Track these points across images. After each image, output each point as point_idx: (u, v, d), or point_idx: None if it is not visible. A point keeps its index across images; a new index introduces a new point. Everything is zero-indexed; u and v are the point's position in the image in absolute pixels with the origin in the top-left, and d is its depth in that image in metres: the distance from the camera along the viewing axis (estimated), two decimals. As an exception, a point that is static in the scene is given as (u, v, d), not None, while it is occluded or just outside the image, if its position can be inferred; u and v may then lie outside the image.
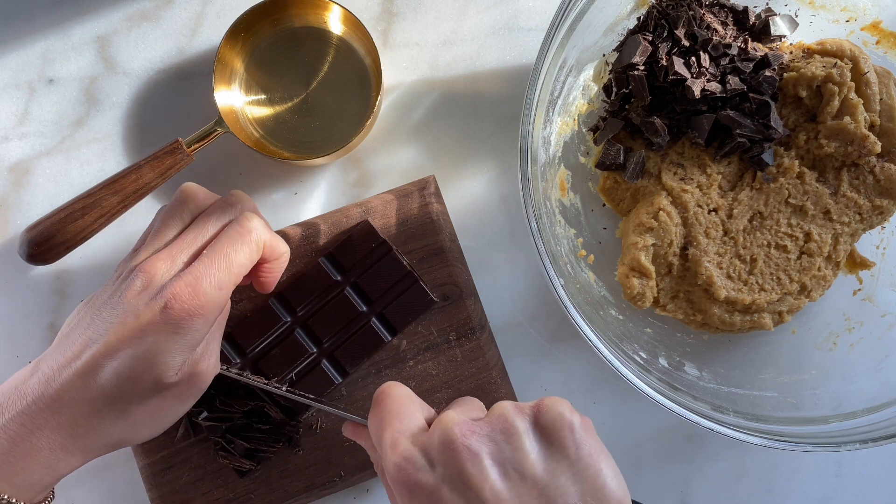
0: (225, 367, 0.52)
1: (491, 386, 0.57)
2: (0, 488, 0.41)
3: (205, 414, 0.53)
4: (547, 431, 0.39)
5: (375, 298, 0.56)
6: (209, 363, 0.47)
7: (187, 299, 0.43)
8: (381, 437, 0.41)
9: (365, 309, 0.56)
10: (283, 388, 0.53)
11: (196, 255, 0.45)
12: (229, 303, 0.48)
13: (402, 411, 0.42)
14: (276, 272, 0.51)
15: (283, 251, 0.50)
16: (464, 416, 0.40)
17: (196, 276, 0.43)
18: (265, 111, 0.59)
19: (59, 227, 0.53)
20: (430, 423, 0.42)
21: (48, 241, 0.53)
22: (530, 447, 0.38)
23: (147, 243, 0.47)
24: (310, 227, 0.57)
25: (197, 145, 0.55)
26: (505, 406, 0.40)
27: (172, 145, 0.55)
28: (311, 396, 0.54)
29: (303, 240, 0.57)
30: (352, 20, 0.57)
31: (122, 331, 0.42)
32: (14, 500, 0.41)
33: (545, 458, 0.38)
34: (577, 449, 0.38)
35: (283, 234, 0.57)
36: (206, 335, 0.45)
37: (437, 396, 0.56)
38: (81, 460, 0.44)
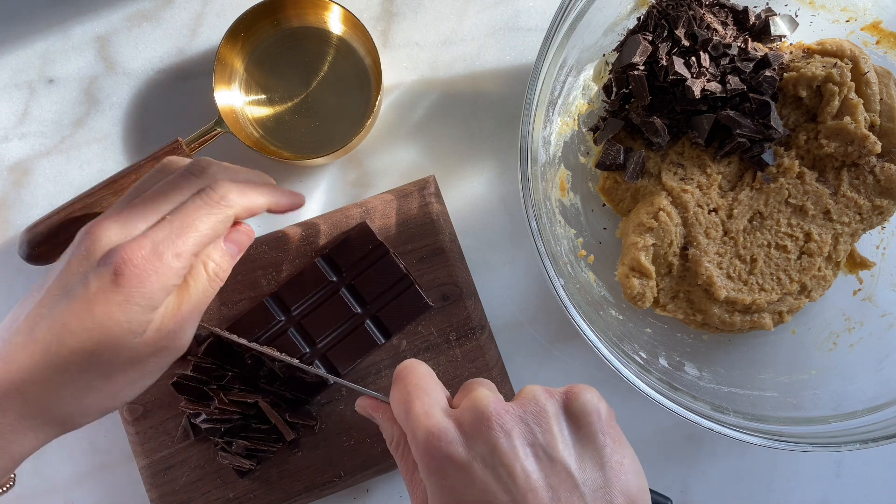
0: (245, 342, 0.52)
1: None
2: None
3: (203, 416, 0.53)
4: (576, 417, 0.40)
5: (370, 300, 0.56)
6: (184, 338, 0.44)
7: (139, 264, 0.40)
8: (410, 408, 0.41)
9: (360, 311, 0.56)
10: (303, 363, 0.53)
11: (155, 224, 0.43)
12: (216, 278, 0.46)
13: (428, 387, 0.43)
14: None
15: (260, 207, 0.47)
16: (493, 395, 0.41)
17: (153, 240, 0.41)
18: (265, 111, 0.59)
19: (59, 228, 0.53)
20: (449, 403, 0.43)
21: (48, 241, 0.53)
22: (560, 432, 0.39)
23: (108, 210, 0.45)
24: (309, 227, 0.57)
25: (197, 145, 0.55)
26: (536, 390, 0.41)
27: (172, 145, 0.55)
28: (324, 372, 0.54)
29: (302, 240, 0.57)
30: (351, 20, 0.57)
31: (71, 303, 0.40)
32: None
33: (574, 444, 0.39)
34: (604, 437, 0.39)
35: (282, 234, 0.57)
36: (162, 301, 0.42)
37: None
38: (36, 442, 0.42)
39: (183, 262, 0.43)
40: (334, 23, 0.59)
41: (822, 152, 0.54)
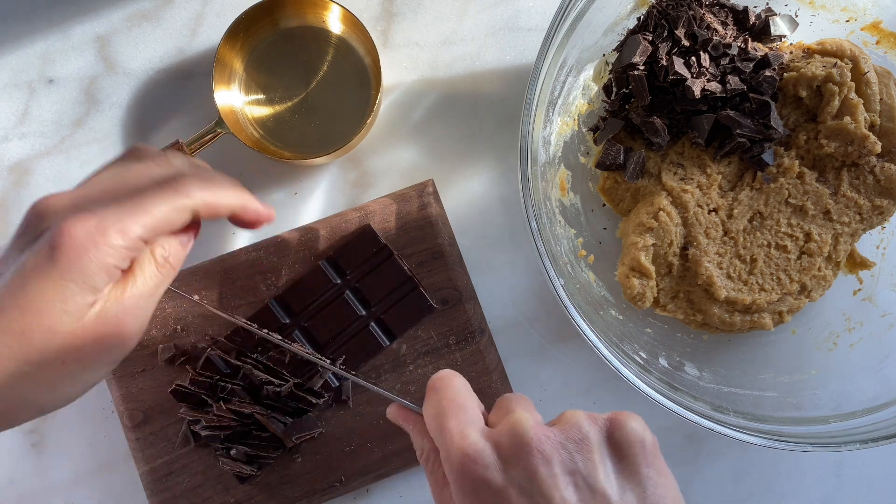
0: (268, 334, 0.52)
1: (491, 390, 0.56)
2: None
3: (202, 423, 0.53)
4: (620, 447, 0.38)
5: (375, 303, 0.56)
6: (131, 327, 0.41)
7: (79, 237, 0.38)
8: (445, 425, 0.39)
9: (364, 313, 0.56)
10: (336, 364, 0.53)
11: (107, 202, 0.40)
12: (168, 265, 0.43)
13: (464, 403, 0.41)
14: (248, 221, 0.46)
15: (224, 207, 0.44)
16: (531, 417, 0.39)
17: (99, 216, 0.39)
18: (265, 111, 0.59)
19: None
20: (484, 419, 0.41)
21: None
22: (602, 461, 0.37)
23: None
24: (308, 231, 0.57)
25: (197, 146, 0.55)
26: (579, 415, 0.39)
27: (173, 146, 0.55)
28: (357, 374, 0.54)
29: (301, 244, 0.56)
30: (351, 19, 0.57)
31: (4, 281, 0.38)
32: None
33: (616, 475, 0.37)
34: (648, 469, 0.38)
35: (280, 239, 0.56)
36: (105, 282, 0.39)
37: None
38: None
39: (127, 241, 0.39)
40: (334, 22, 0.59)
41: (822, 152, 0.54)
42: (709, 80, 0.53)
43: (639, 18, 0.56)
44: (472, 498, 0.37)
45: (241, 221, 0.46)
